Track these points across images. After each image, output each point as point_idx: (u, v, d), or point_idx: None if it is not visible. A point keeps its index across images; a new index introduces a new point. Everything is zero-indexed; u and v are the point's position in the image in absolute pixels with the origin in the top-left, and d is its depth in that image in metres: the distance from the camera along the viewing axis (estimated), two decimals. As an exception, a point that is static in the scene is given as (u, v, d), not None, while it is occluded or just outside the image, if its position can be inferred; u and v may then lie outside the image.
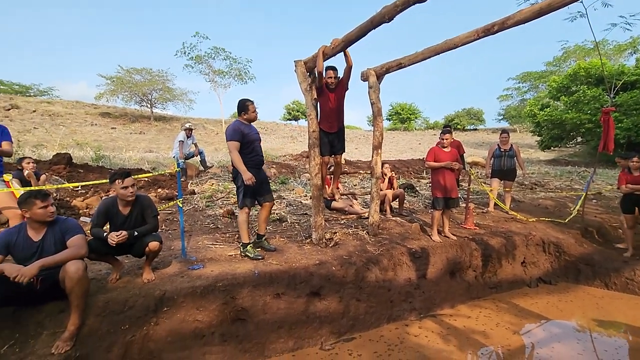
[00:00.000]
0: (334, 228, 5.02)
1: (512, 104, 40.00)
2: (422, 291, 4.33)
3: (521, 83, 38.11)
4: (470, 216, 5.63)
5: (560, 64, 33.12)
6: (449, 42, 3.82)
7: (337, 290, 3.75)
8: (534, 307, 4.47)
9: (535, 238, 5.47)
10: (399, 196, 6.22)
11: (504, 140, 6.46)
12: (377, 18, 3.39)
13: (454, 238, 4.93)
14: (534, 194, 8.91)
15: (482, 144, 29.79)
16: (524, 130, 37.32)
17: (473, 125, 44.86)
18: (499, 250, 5.05)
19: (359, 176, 9.61)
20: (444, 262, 4.59)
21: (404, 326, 3.96)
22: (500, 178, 6.58)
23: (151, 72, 25.86)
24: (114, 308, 2.81)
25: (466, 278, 4.78)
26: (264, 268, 3.58)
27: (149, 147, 16.86)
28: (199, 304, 3.11)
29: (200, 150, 8.43)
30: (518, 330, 3.89)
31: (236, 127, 3.76)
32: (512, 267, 5.17)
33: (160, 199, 6.03)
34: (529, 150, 24.85)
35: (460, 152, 6.66)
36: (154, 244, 3.09)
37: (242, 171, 3.63)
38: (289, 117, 44.67)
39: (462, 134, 38.02)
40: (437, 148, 5.07)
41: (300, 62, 4.39)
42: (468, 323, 4.04)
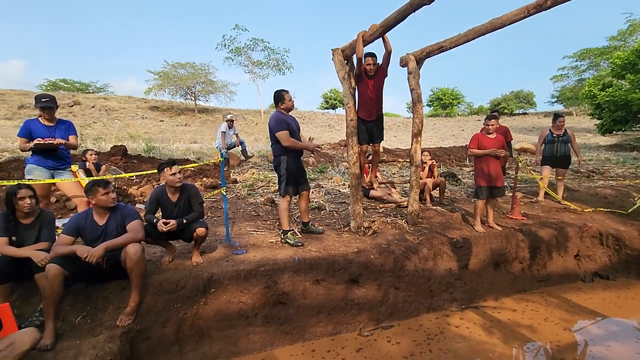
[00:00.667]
0: (372, 217, 5.01)
1: (567, 85, 36.65)
2: (463, 282, 4.22)
3: (579, 61, 34.67)
4: (517, 206, 5.34)
5: (625, 38, 29.67)
6: (495, 22, 3.60)
7: (376, 278, 3.78)
8: (588, 303, 4.20)
9: (592, 230, 5.08)
10: (439, 185, 6.04)
11: (559, 125, 5.99)
12: (416, 0, 3.27)
13: (498, 228, 4.72)
14: (592, 183, 8.22)
15: (532, 129, 27.80)
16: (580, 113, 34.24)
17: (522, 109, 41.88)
18: (548, 242, 4.77)
19: (398, 165, 9.44)
20: (487, 253, 4.42)
21: (444, 316, 3.91)
22: (552, 165, 6.15)
23: (194, 66, 26.93)
24: (168, 288, 3.06)
25: (512, 270, 4.58)
26: (304, 255, 3.68)
27: (194, 138, 17.71)
28: (243, 287, 3.28)
29: (241, 140, 8.72)
30: (569, 327, 3.69)
31: (279, 117, 3.87)
32: (563, 260, 4.86)
33: (205, 187, 6.36)
34: (586, 135, 22.82)
35: (507, 139, 6.31)
36: (200, 230, 3.30)
37: (304, 146, 3.95)
38: (326, 106, 44.54)
39: (510, 119, 35.68)
40: (481, 134, 4.84)
41: (337, 50, 4.36)
42: (513, 316, 3.89)
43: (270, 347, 3.30)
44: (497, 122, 4.91)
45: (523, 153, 12.13)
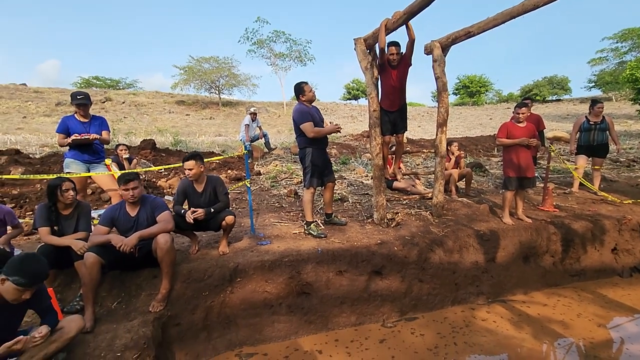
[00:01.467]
0: (395, 208, 4.96)
1: (607, 69, 34.31)
2: (490, 275, 4.12)
3: (620, 43, 32.33)
4: (549, 197, 5.12)
5: (675, 15, 27.33)
6: (528, 3, 3.41)
7: (399, 270, 3.75)
8: (625, 299, 4.00)
9: (631, 222, 4.80)
10: (465, 176, 5.88)
11: (598, 112, 5.65)
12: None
13: (528, 221, 4.55)
14: (632, 172, 7.74)
15: (567, 117, 26.38)
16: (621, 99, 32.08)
17: (556, 95, 39.75)
18: (583, 235, 4.55)
19: (422, 155, 9.25)
20: (516, 246, 4.28)
21: (470, 309, 3.84)
22: (588, 155, 5.83)
23: (218, 59, 27.37)
24: (196, 276, 3.18)
25: (542, 264, 4.41)
26: (327, 246, 3.71)
27: (218, 131, 18.10)
28: (268, 276, 3.36)
29: (264, 133, 8.82)
30: (604, 323, 3.53)
31: (302, 109, 3.87)
32: (599, 254, 4.63)
33: (230, 179, 6.50)
34: (627, 122, 21.40)
35: (539, 128, 6.04)
36: (230, 218, 3.41)
37: (328, 131, 3.89)
38: (348, 97, 44.12)
39: (543, 106, 33.98)
40: (510, 123, 4.64)
41: (359, 40, 4.29)
42: (543, 311, 3.77)
43: (295, 336, 3.37)
44: (528, 110, 4.69)
45: (556, 142, 11.53)
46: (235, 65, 27.91)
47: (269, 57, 28.00)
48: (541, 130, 6.24)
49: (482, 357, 3.08)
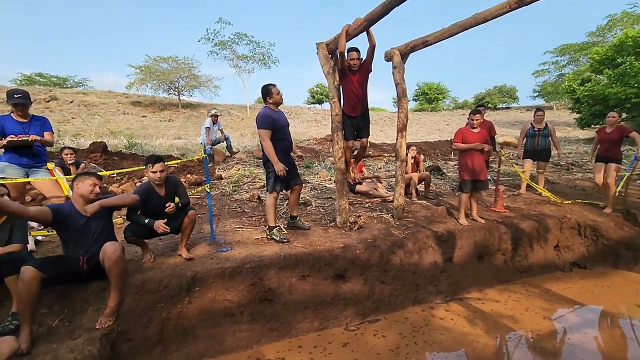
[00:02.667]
0: (358, 211, 5.03)
1: (548, 80, 37.51)
2: (448, 274, 4.28)
3: (559, 56, 35.51)
4: (500, 199, 5.44)
5: (604, 33, 30.53)
6: (478, 16, 3.62)
7: (362, 273, 3.79)
8: (567, 292, 4.33)
9: (571, 221, 5.23)
10: (425, 179, 6.10)
11: (539, 119, 6.13)
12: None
13: (482, 221, 4.80)
14: (571, 175, 8.46)
15: (514, 123, 28.38)
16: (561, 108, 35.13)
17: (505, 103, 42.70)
18: (530, 234, 4.88)
19: (384, 159, 9.48)
20: (471, 246, 4.50)
21: (429, 309, 3.96)
22: (533, 159, 6.28)
23: (177, 59, 26.37)
24: (150, 287, 2.99)
25: (495, 262, 4.67)
26: (290, 251, 3.66)
27: (178, 134, 17.39)
28: (228, 284, 3.24)
29: (226, 136, 8.59)
30: (549, 315, 3.79)
31: (266, 114, 3.78)
32: (544, 250, 4.99)
33: (189, 184, 6.25)
34: (566, 129, 23.43)
35: (491, 134, 6.40)
36: (192, 212, 3.38)
37: (274, 162, 3.72)
38: (312, 101, 44.39)
39: (494, 113, 36.31)
40: (465, 129, 4.89)
41: (322, 45, 4.32)
42: (496, 307, 3.98)
43: (257, 344, 3.28)
44: (481, 116, 4.96)
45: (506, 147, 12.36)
46: (196, 66, 27.06)
47: (232, 58, 27.48)
48: (493, 136, 6.63)
49: (441, 355, 3.18)
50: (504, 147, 10.77)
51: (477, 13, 3.63)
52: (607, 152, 5.47)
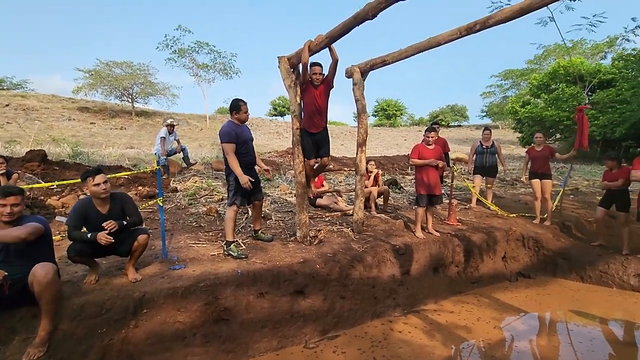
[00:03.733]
0: (318, 225, 5.01)
1: (494, 101, 40.84)
2: (405, 287, 4.37)
3: (503, 80, 38.90)
4: (453, 212, 5.71)
5: (540, 62, 33.93)
6: (433, 40, 3.83)
7: (322, 288, 3.75)
8: (513, 300, 4.59)
9: (516, 233, 5.60)
10: (383, 193, 6.25)
11: (486, 137, 6.57)
12: (360, 14, 3.36)
13: (437, 234, 4.99)
14: (515, 190, 9.12)
15: (465, 140, 30.29)
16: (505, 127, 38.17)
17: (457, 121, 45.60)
18: (480, 246, 5.15)
19: (345, 173, 9.62)
20: (427, 259, 4.64)
21: (388, 322, 4.00)
22: (482, 174, 6.70)
23: (132, 65, 25.19)
24: (90, 311, 2.72)
25: (449, 273, 4.85)
26: (247, 267, 3.53)
27: (130, 143, 16.45)
28: (181, 304, 3.05)
29: (183, 147, 8.25)
30: (498, 324, 3.98)
31: (229, 128, 3.78)
32: (493, 262, 5.28)
33: (140, 197, 5.88)
34: (510, 147, 25.41)
35: (445, 150, 6.73)
36: (143, 237, 3.08)
37: (238, 174, 3.69)
38: (274, 113, 44.35)
39: (447, 130, 38.55)
40: (421, 145, 5.10)
41: (283, 58, 4.32)
42: (451, 318, 4.11)
43: (211, 368, 3.09)
44: (436, 134, 5.22)
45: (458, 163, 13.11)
46: (153, 73, 26.01)
47: (191, 67, 26.75)
48: (446, 152, 6.99)
49: (399, 369, 3.20)
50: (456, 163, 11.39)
51: (431, 37, 3.84)
52: (541, 168, 5.96)
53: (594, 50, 27.98)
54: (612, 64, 19.86)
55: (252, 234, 4.43)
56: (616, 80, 18.01)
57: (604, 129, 16.90)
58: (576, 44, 27.77)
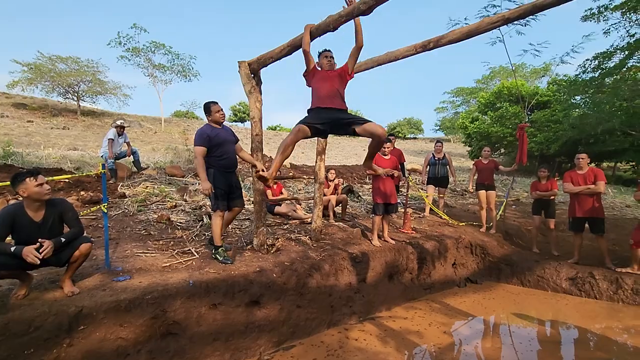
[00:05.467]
0: (276, 234, 4.94)
1: (447, 116, 43.41)
2: (362, 295, 4.42)
3: (455, 97, 41.56)
4: (408, 221, 5.92)
5: (487, 82, 36.74)
6: (390, 55, 3.99)
7: (278, 298, 3.68)
8: (462, 305, 4.82)
9: (465, 241, 5.92)
10: (342, 201, 6.33)
11: (438, 150, 6.93)
12: (322, 26, 3.41)
13: (392, 242, 5.13)
14: (465, 200, 9.68)
15: (420, 152, 31.74)
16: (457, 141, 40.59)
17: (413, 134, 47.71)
18: (432, 253, 5.37)
19: (304, 181, 9.63)
20: (382, 266, 4.74)
21: (344, 330, 4.01)
22: (435, 185, 7.03)
23: (79, 61, 23.44)
24: (15, 330, 2.43)
25: (403, 280, 5.00)
26: (200, 277, 3.38)
27: (74, 144, 15.22)
28: (123, 319, 2.82)
29: (133, 150, 7.77)
30: (448, 329, 4.15)
31: (203, 131, 3.75)
32: (444, 268, 5.53)
33: (83, 202, 5.43)
34: (461, 159, 27.02)
35: (400, 161, 6.99)
36: (85, 246, 2.86)
37: (201, 179, 3.67)
38: (235, 119, 43.48)
39: (404, 142, 40.16)
40: (378, 155, 5.24)
41: (244, 63, 4.26)
42: (404, 324, 4.21)
43: (156, 387, 2.88)
44: (392, 145, 5.41)
45: (413, 173, 13.69)
46: (103, 71, 24.37)
47: (147, 67, 25.50)
48: (402, 163, 7.27)
49: (353, 377, 3.20)
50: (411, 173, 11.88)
51: (389, 52, 4.01)
52: (487, 180, 6.41)
53: (533, 74, 30.88)
54: (547, 87, 22.00)
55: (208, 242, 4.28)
56: (551, 102, 19.95)
57: (541, 145, 18.57)
58: (518, 68, 30.44)
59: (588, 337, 4.05)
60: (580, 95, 16.91)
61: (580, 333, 4.14)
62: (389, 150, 5.23)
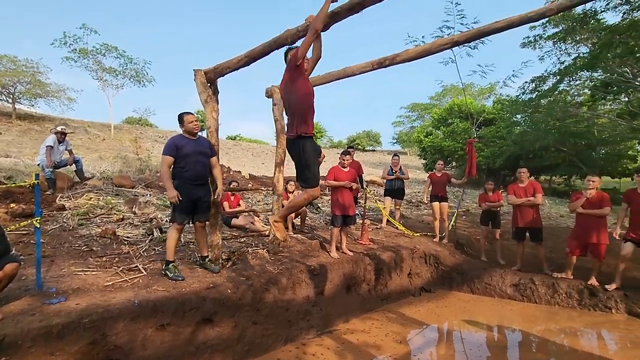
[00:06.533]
0: (232, 247, 4.78)
1: (403, 130, 45.38)
2: (319, 308, 4.38)
3: (411, 112, 43.65)
4: (366, 232, 6.01)
5: (440, 98, 39.06)
6: (348, 70, 4.10)
7: (232, 315, 3.53)
8: (417, 314, 4.94)
9: (419, 251, 6.12)
10: (301, 213, 6.29)
11: (395, 162, 7.18)
12: (280, 39, 3.42)
13: (350, 254, 5.17)
14: (420, 211, 10.06)
15: (379, 164, 32.70)
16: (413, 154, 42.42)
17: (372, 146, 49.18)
18: (389, 264, 5.48)
19: (263, 192, 9.48)
20: (340, 278, 4.75)
21: (301, 345, 3.93)
22: (391, 196, 7.24)
23: (15, 60, 21.47)
24: None
25: (360, 292, 5.03)
26: (147, 296, 3.15)
27: (6, 151, 13.81)
28: (55, 347, 2.54)
29: (76, 159, 7.17)
30: (404, 339, 4.23)
31: (172, 140, 3.74)
32: (400, 278, 5.66)
33: (12, 216, 4.89)
34: (416, 172, 28.19)
35: (359, 173, 7.12)
36: (10, 267, 2.60)
37: (167, 188, 3.64)
38: (192, 127, 42.03)
39: (363, 154, 41.18)
40: (337, 167, 5.31)
41: (200, 72, 4.14)
42: (362, 336, 4.22)
43: (92, 421, 2.61)
44: (351, 157, 5.51)
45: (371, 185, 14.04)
46: (44, 72, 22.50)
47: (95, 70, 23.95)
48: (360, 175, 7.41)
49: (310, 395, 3.13)
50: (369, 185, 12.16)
51: (347, 67, 4.11)
52: (440, 192, 6.73)
53: (480, 93, 33.34)
54: (493, 106, 23.82)
55: (199, 262, 4.03)
56: (496, 119, 21.60)
57: (488, 159, 19.97)
58: (467, 87, 32.75)
59: (530, 339, 4.33)
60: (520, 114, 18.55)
61: (523, 336, 4.41)
62: (348, 163, 5.31)
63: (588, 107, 17.17)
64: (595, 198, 4.95)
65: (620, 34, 11.33)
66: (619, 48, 11.70)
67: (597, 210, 4.91)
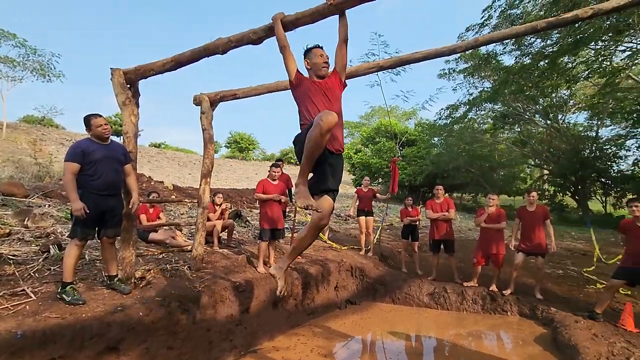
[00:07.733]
0: (148, 264, 4.35)
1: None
2: (244, 327, 4.19)
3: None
4: (295, 246, 5.98)
5: (369, 118, 41.48)
6: (280, 84, 4.11)
7: (144, 341, 3.18)
8: (342, 327, 5.02)
9: (346, 264, 6.28)
10: (228, 227, 6.04)
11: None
12: (210, 48, 3.31)
13: (278, 268, 5.07)
14: (348, 225, 10.40)
15: (310, 178, 33.18)
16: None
17: (304, 160, 49.83)
18: (317, 277, 5.51)
19: (188, 204, 8.92)
20: (267, 294, 4.62)
21: (222, 369, 3.69)
22: (321, 210, 7.36)
23: None
24: None
25: (287, 307, 4.95)
26: (35, 325, 2.68)
27: None
28: None
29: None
30: (329, 353, 4.24)
31: (78, 145, 3.33)
32: (327, 292, 5.72)
33: None
34: (346, 187, 29.26)
35: (288, 186, 7.12)
36: None
37: (71, 199, 3.19)
38: (109, 131, 38.06)
39: (295, 168, 41.49)
40: (266, 180, 5.24)
41: (118, 71, 3.78)
42: (287, 354, 4.12)
43: None
44: (280, 170, 5.48)
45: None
46: None
47: (-15, 57, 20.40)
48: (289, 188, 7.42)
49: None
50: (301, 198, 12.25)
51: (279, 81, 4.13)
52: (366, 206, 7.06)
53: (404, 116, 36.29)
54: (415, 128, 26.07)
55: (106, 282, 3.57)
56: (417, 140, 23.64)
57: (410, 177, 21.65)
58: (392, 109, 35.40)
59: (443, 344, 4.68)
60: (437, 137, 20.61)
61: (437, 342, 4.75)
62: (277, 175, 5.28)
63: (490, 134, 19.85)
64: (494, 214, 5.65)
65: (514, 74, 13.46)
66: (513, 86, 13.87)
67: (496, 224, 5.61)
